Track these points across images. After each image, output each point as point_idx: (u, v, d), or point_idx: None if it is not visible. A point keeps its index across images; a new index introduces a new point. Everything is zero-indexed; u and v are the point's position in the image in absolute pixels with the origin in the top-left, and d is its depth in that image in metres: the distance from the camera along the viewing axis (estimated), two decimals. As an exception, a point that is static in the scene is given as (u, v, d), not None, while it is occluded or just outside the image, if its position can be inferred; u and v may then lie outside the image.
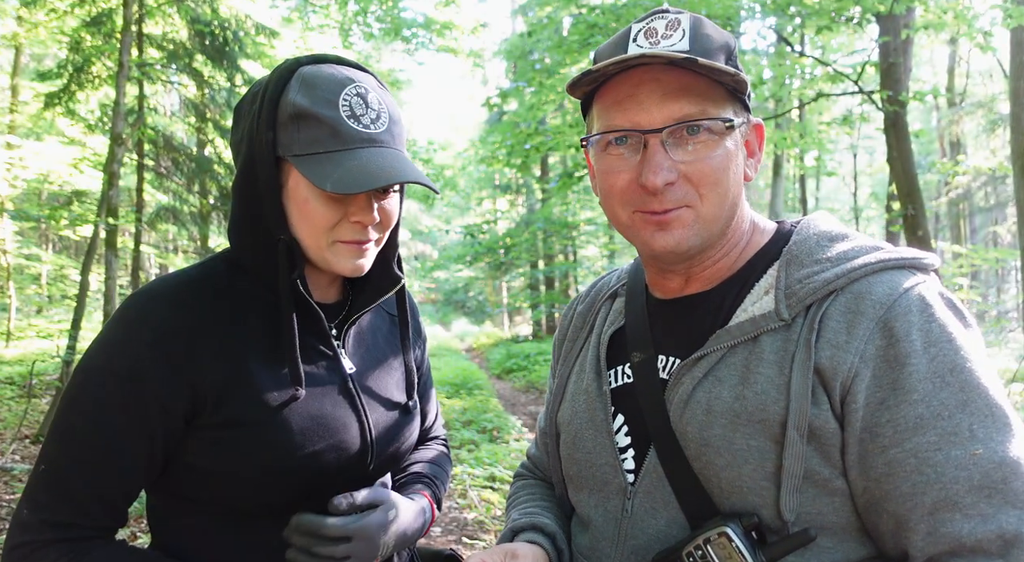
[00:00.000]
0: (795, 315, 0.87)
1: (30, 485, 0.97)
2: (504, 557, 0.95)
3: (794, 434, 0.82)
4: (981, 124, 20.29)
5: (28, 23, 9.07)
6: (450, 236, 23.74)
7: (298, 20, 12.70)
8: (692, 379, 0.90)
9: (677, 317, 0.98)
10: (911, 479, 0.80)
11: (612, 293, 1.11)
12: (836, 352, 0.83)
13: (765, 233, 0.98)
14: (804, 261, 0.90)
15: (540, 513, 1.09)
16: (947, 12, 7.57)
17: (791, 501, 0.83)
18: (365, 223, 1.01)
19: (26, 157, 7.52)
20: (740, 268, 0.96)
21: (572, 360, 1.11)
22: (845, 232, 0.94)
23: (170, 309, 0.99)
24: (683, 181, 0.88)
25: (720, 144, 0.89)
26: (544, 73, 9.48)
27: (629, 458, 0.96)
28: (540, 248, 20.28)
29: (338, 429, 1.05)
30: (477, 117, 30.73)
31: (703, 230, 0.90)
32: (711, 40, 0.90)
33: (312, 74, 0.99)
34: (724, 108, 0.89)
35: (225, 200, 8.38)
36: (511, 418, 8.45)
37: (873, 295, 0.85)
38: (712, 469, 0.87)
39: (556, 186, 13.85)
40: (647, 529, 0.92)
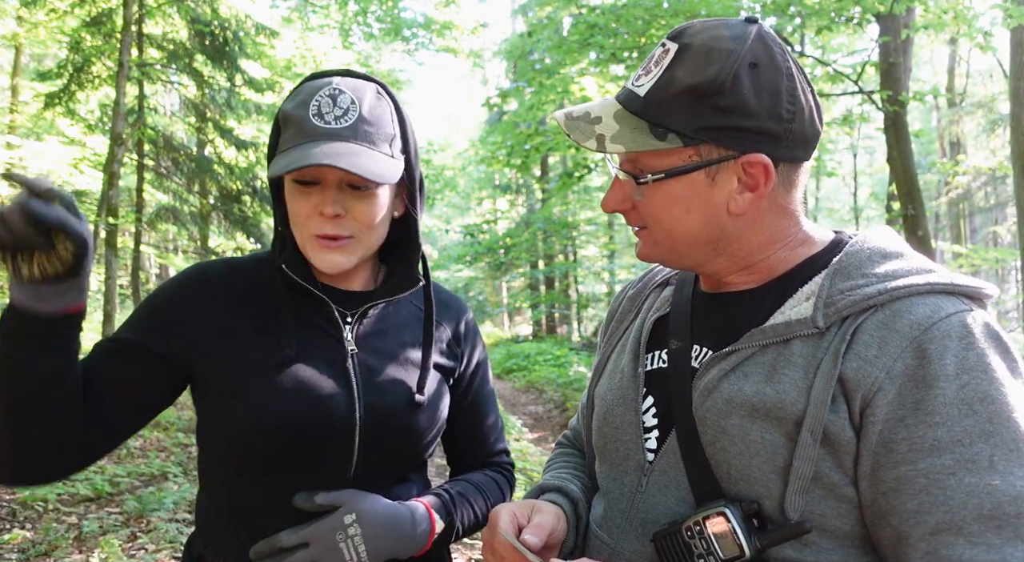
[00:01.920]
0: (830, 324, 0.88)
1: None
2: (530, 511, 1.02)
3: (807, 436, 0.84)
4: (981, 124, 20.30)
5: (28, 23, 9.07)
6: (450, 236, 23.77)
7: (298, 20, 12.70)
8: (720, 371, 0.93)
9: (717, 311, 1.01)
10: (918, 498, 0.80)
11: (663, 282, 1.15)
12: (863, 365, 0.83)
13: (817, 243, 0.99)
14: (851, 273, 0.91)
15: (570, 479, 1.15)
16: (947, 12, 7.57)
17: (797, 501, 0.85)
18: (326, 214, 1.07)
19: (26, 157, 7.51)
20: (787, 271, 0.97)
21: (616, 340, 1.16)
22: (901, 250, 0.93)
23: (199, 272, 1.18)
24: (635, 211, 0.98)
25: (660, 189, 0.94)
26: (544, 73, 9.48)
27: (652, 438, 1.01)
28: (540, 248, 20.30)
29: (323, 397, 1.10)
30: (477, 117, 30.73)
31: (662, 251, 0.99)
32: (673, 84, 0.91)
33: (305, 83, 1.12)
34: (663, 157, 0.92)
35: (225, 200, 8.38)
36: (511, 418, 8.46)
37: (912, 315, 0.84)
38: (724, 456, 0.90)
39: (556, 186, 13.86)
40: (657, 505, 0.97)
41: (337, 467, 1.11)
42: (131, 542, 4.04)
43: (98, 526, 4.21)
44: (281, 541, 1.04)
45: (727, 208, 0.92)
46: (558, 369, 12.53)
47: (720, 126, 0.88)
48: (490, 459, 1.35)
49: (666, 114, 0.89)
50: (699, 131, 0.88)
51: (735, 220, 0.93)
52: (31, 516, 4.49)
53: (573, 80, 9.37)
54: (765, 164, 0.89)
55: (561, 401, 10.22)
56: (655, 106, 0.90)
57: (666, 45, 0.93)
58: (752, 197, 0.92)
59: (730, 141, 0.89)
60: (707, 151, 0.90)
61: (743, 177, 0.91)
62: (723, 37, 0.89)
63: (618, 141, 0.92)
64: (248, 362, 1.09)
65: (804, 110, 0.91)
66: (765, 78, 0.88)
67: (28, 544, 3.97)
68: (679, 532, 0.89)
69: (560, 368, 12.61)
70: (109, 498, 4.90)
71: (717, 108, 0.88)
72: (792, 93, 0.89)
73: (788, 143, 0.90)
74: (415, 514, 1.13)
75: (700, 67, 0.89)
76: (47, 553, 3.87)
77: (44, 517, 4.47)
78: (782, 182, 0.93)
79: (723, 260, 0.97)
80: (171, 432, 7.22)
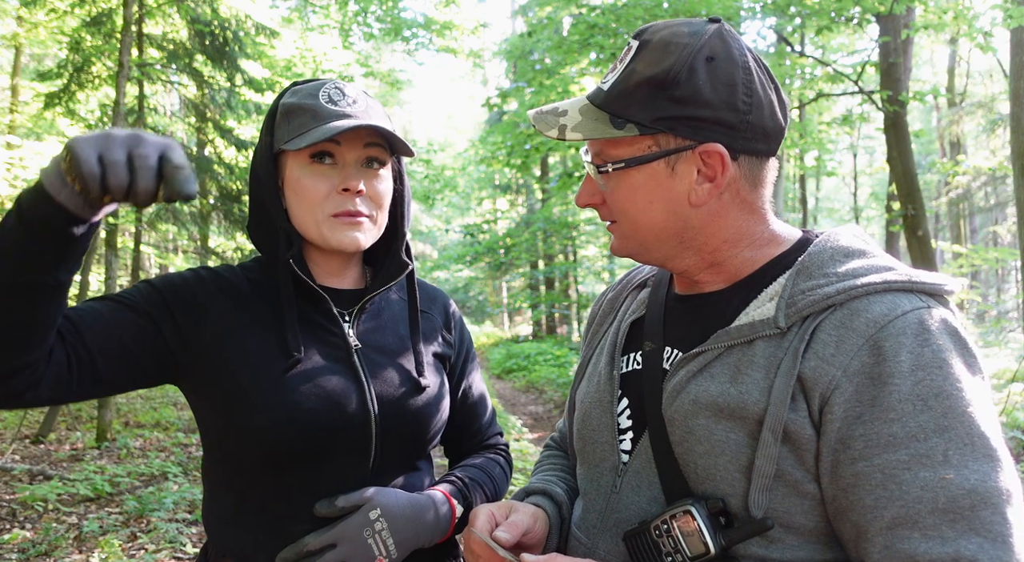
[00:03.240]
0: (792, 324, 0.90)
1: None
2: (508, 510, 1.05)
3: (768, 435, 0.85)
4: (981, 124, 20.29)
5: (28, 23, 9.06)
6: (450, 236, 23.76)
7: (298, 20, 12.70)
8: (688, 372, 0.95)
9: (688, 313, 1.04)
10: (875, 493, 0.81)
11: (641, 283, 1.18)
12: (820, 364, 0.85)
13: (784, 242, 1.00)
14: (813, 273, 0.92)
15: (555, 482, 1.18)
16: (947, 12, 7.57)
17: (760, 499, 0.86)
18: (351, 189, 1.11)
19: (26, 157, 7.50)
20: (753, 272, 0.99)
21: (596, 343, 1.18)
22: (864, 249, 0.95)
23: (192, 275, 1.16)
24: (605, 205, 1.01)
25: (624, 179, 0.96)
26: (544, 73, 9.48)
27: (627, 439, 1.03)
28: (540, 248, 20.28)
29: (336, 394, 1.11)
30: (477, 117, 30.73)
31: (632, 245, 1.01)
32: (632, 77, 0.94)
33: (300, 84, 1.19)
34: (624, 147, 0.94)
35: (225, 200, 8.38)
36: (511, 418, 8.46)
37: (869, 313, 0.86)
38: (691, 456, 0.92)
39: (556, 186, 13.85)
40: (630, 505, 0.99)
41: (357, 459, 1.13)
42: (131, 542, 4.05)
43: (98, 526, 4.21)
44: (308, 545, 1.05)
45: (688, 199, 0.94)
46: (558, 369, 12.53)
47: (676, 116, 0.90)
48: (487, 441, 1.40)
49: (625, 105, 0.92)
50: (656, 121, 0.91)
51: (697, 211, 0.95)
52: (31, 516, 4.49)
53: (573, 80, 9.37)
54: (721, 154, 0.91)
55: (561, 401, 10.22)
56: (616, 98, 0.94)
57: (630, 43, 0.96)
58: (711, 187, 0.93)
59: (686, 131, 0.91)
60: (665, 141, 0.93)
61: (702, 168, 0.93)
62: (682, 33, 0.92)
63: (578, 130, 0.95)
64: (259, 363, 1.10)
65: (763, 103, 0.92)
66: (721, 70, 0.90)
67: (28, 544, 3.97)
68: (648, 531, 0.92)
69: (560, 368, 12.61)
70: (109, 498, 4.90)
71: (673, 98, 0.90)
72: (749, 85, 0.91)
73: (746, 134, 0.92)
74: (436, 502, 1.16)
75: (657, 60, 0.92)
76: (47, 553, 3.87)
77: (44, 517, 4.47)
78: (744, 176, 0.95)
79: (690, 255, 0.99)
80: (171, 432, 7.23)
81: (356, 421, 1.12)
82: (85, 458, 5.97)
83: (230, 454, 1.12)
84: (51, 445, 6.47)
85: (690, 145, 0.92)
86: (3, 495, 4.81)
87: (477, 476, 1.28)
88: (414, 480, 1.22)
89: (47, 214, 0.86)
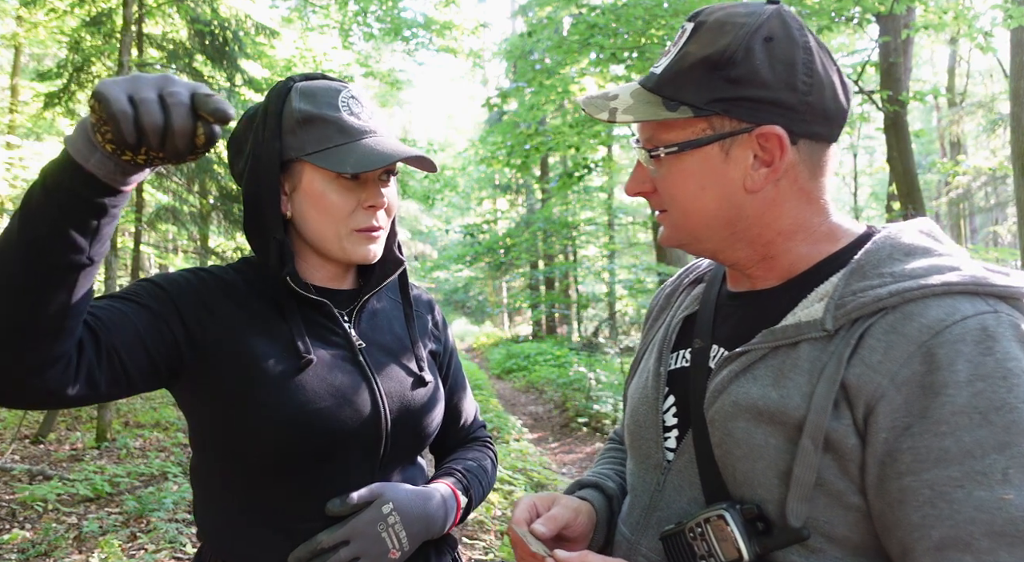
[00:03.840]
0: (839, 327, 0.84)
1: None
2: (551, 503, 1.04)
3: (808, 443, 0.81)
4: (981, 124, 20.29)
5: (28, 23, 9.06)
6: (450, 236, 23.75)
7: (298, 20, 12.69)
8: (730, 373, 0.91)
9: (737, 310, 1.00)
10: (922, 510, 0.76)
11: (697, 278, 1.14)
12: (865, 371, 0.80)
13: (843, 238, 0.94)
14: (867, 273, 0.86)
15: (610, 475, 1.18)
16: (947, 12, 7.57)
17: (798, 508, 0.82)
18: (377, 206, 1.14)
19: (26, 157, 7.50)
20: (808, 269, 0.94)
21: (650, 338, 1.16)
22: (929, 247, 0.88)
23: (192, 276, 1.14)
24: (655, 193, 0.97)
25: (675, 164, 0.92)
26: (544, 73, 9.48)
27: (672, 438, 1.01)
28: (540, 248, 20.28)
29: (348, 392, 1.12)
30: (477, 117, 30.72)
31: (682, 235, 0.97)
32: (687, 58, 0.90)
33: (308, 86, 1.14)
34: (677, 130, 0.91)
35: (225, 200, 8.38)
36: (511, 418, 8.45)
37: (923, 318, 0.79)
38: (730, 459, 0.89)
39: (556, 186, 13.86)
40: (672, 504, 0.97)
41: (367, 456, 1.14)
42: (131, 542, 4.04)
43: (98, 526, 4.21)
44: (321, 542, 1.05)
45: (743, 185, 0.90)
46: (558, 369, 12.53)
47: (732, 97, 0.87)
48: (473, 435, 1.43)
49: (679, 87, 0.89)
50: (710, 102, 0.87)
51: (752, 199, 0.91)
52: (31, 516, 4.49)
53: (573, 80, 9.37)
54: (779, 136, 0.87)
55: (561, 401, 10.21)
56: (669, 81, 0.90)
57: (684, 26, 0.93)
58: (768, 172, 0.89)
59: (743, 113, 0.87)
60: (720, 124, 0.89)
61: (759, 152, 0.88)
62: (738, 13, 0.89)
63: (629, 113, 0.91)
64: (269, 365, 1.09)
65: (824, 84, 0.88)
66: (780, 50, 0.86)
67: (28, 544, 3.97)
68: (683, 533, 0.89)
69: (560, 368, 12.60)
70: (109, 498, 4.90)
71: (728, 79, 0.86)
72: (809, 65, 0.87)
73: (806, 117, 0.87)
74: (443, 495, 1.19)
75: (712, 40, 0.88)
76: (47, 553, 3.87)
77: (44, 517, 4.47)
78: (803, 162, 0.90)
79: (743, 246, 0.94)
80: (171, 432, 7.22)
81: (369, 418, 1.13)
82: (85, 458, 5.97)
83: (234, 456, 1.10)
84: (51, 445, 6.47)
85: (746, 128, 0.88)
86: (3, 495, 4.81)
87: (473, 469, 1.31)
88: (414, 474, 1.24)
89: (77, 186, 0.79)
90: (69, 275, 0.83)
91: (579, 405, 9.16)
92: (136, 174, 0.83)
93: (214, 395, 1.09)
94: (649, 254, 18.21)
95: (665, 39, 8.01)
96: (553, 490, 5.35)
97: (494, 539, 4.21)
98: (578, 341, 17.46)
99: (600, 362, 12.41)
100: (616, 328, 17.64)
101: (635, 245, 21.28)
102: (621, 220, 20.12)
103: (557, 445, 7.79)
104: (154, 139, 0.77)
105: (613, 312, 18.65)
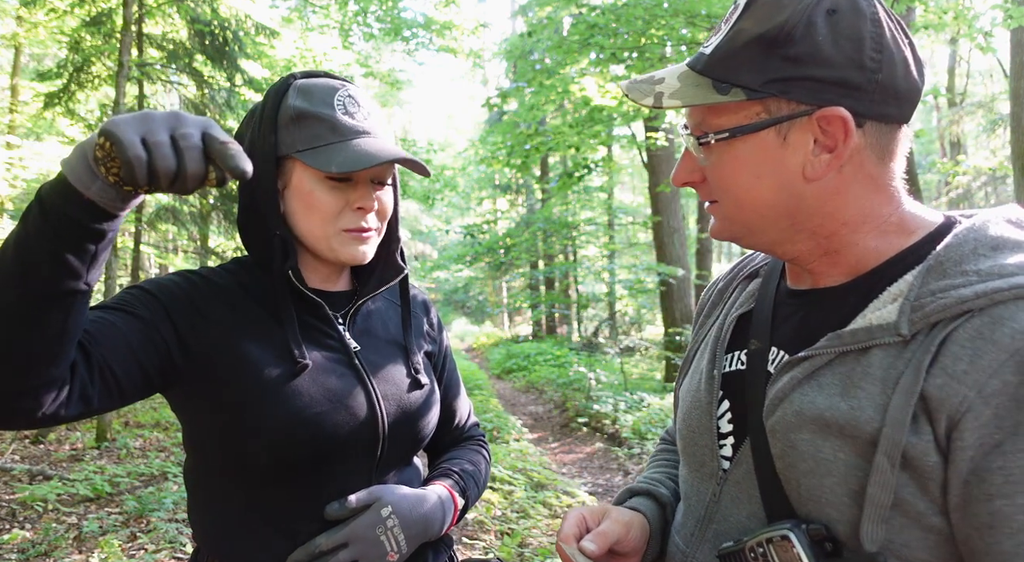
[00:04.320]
0: (916, 332, 0.76)
1: None
2: (601, 516, 0.99)
3: (883, 460, 0.74)
4: (981, 124, 20.28)
5: (28, 23, 9.06)
6: (450, 236, 23.75)
7: (298, 20, 12.68)
8: (792, 379, 0.84)
9: (798, 310, 0.92)
10: (1016, 538, 0.69)
11: (752, 273, 1.06)
12: (949, 381, 0.72)
13: (919, 230, 0.86)
14: (948, 270, 0.77)
15: (662, 481, 1.13)
16: (947, 12, 7.56)
17: (874, 530, 0.75)
18: (366, 209, 1.12)
19: (26, 157, 7.51)
20: (878, 265, 0.85)
21: (702, 336, 1.08)
22: (1019, 239, 0.78)
23: (183, 280, 1.12)
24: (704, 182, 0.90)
25: (727, 151, 0.85)
26: (544, 73, 9.47)
27: (728, 445, 0.94)
28: (540, 248, 20.28)
29: (344, 396, 1.12)
30: (477, 117, 30.72)
31: (735, 227, 0.90)
32: (739, 36, 0.82)
33: (307, 83, 1.14)
34: (728, 115, 0.83)
35: (225, 200, 8.38)
36: (511, 418, 8.46)
37: (1015, 322, 0.70)
38: (793, 473, 0.82)
39: (556, 186, 13.85)
40: (729, 517, 0.90)
41: (364, 459, 1.14)
42: (131, 542, 4.04)
43: (98, 526, 4.21)
44: (320, 546, 1.05)
45: (803, 173, 0.82)
46: (558, 369, 12.53)
47: (790, 77, 0.79)
48: (467, 434, 1.43)
49: (731, 68, 0.81)
50: (766, 84, 0.79)
51: (813, 187, 0.83)
52: (31, 516, 4.49)
53: (573, 80, 9.37)
54: (844, 118, 0.79)
55: (561, 401, 10.21)
56: (720, 62, 0.82)
57: (737, 2, 0.85)
58: (831, 158, 0.81)
59: (803, 94, 0.79)
60: (776, 106, 0.81)
61: (819, 136, 0.81)
62: None
63: (676, 97, 0.83)
64: (264, 370, 1.08)
65: (895, 60, 0.79)
66: (845, 23, 0.78)
67: (28, 544, 3.97)
68: (743, 551, 0.83)
69: (560, 368, 12.61)
70: (109, 498, 4.90)
71: (787, 58, 0.79)
72: (878, 39, 0.78)
73: (874, 96, 0.79)
74: (440, 496, 1.19)
75: (768, 15, 0.80)
76: (47, 553, 3.87)
77: (44, 517, 4.47)
78: (870, 146, 0.82)
79: (804, 239, 0.87)
80: (171, 432, 7.22)
81: (365, 422, 1.13)
82: (85, 458, 5.97)
83: (229, 460, 1.09)
84: (51, 445, 6.47)
85: (806, 110, 0.80)
86: (3, 495, 4.81)
87: (469, 470, 1.31)
88: (411, 476, 1.24)
89: (76, 212, 0.78)
90: (65, 300, 0.82)
91: (579, 405, 9.16)
92: (135, 199, 0.83)
93: (208, 400, 1.08)
94: (649, 254, 18.19)
95: (665, 39, 8.01)
96: (553, 490, 5.35)
97: (494, 539, 4.21)
98: (578, 341, 17.47)
99: (600, 362, 12.41)
100: (616, 328, 17.65)
101: (635, 245, 21.27)
102: (621, 220, 20.12)
103: (557, 445, 7.79)
104: (165, 183, 0.76)
105: (613, 312, 18.66)
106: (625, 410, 8.42)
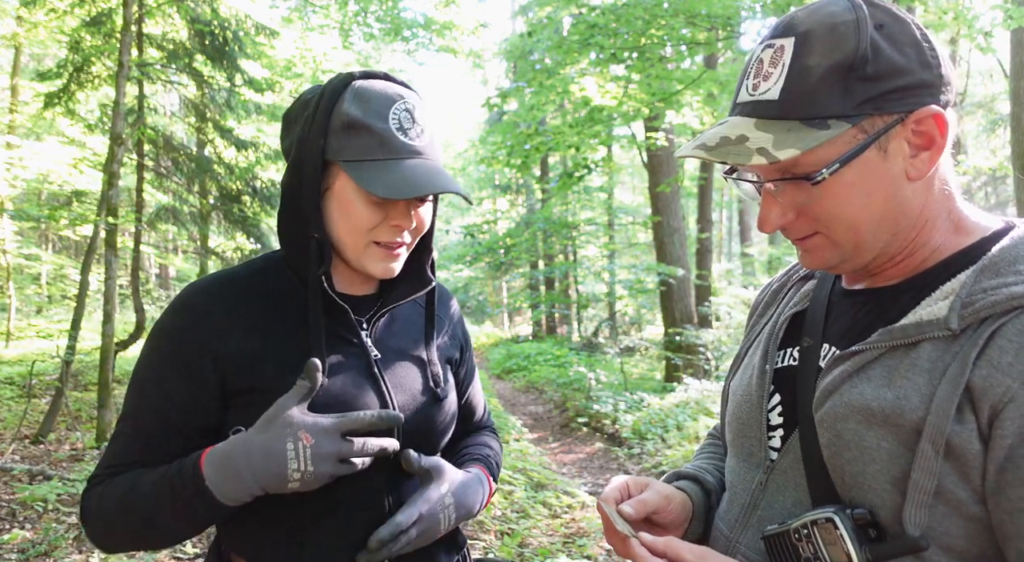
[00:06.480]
0: (966, 327, 0.79)
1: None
2: (644, 487, 1.04)
3: (928, 447, 0.77)
4: (981, 124, 20.28)
5: (28, 23, 9.06)
6: (450, 236, 23.77)
7: (298, 20, 12.69)
8: (843, 373, 0.87)
9: (851, 308, 0.96)
10: None
11: (808, 274, 1.11)
12: (993, 372, 0.75)
13: (975, 233, 0.90)
14: (1001, 269, 0.81)
15: (709, 470, 1.17)
16: (947, 12, 7.56)
17: (917, 515, 0.78)
18: (403, 227, 1.12)
19: (26, 157, 7.53)
20: (930, 267, 0.90)
21: (755, 334, 1.13)
22: None
23: (208, 299, 1.12)
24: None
25: (835, 182, 0.86)
26: (544, 73, 9.47)
27: (777, 437, 0.98)
28: (540, 248, 20.28)
29: (361, 406, 1.12)
30: (477, 117, 30.73)
31: (842, 251, 0.91)
32: (810, 72, 0.84)
33: (365, 88, 1.09)
34: (827, 148, 0.85)
35: (225, 200, 8.38)
36: (511, 418, 8.46)
37: None
38: (839, 461, 0.86)
39: (556, 186, 13.85)
40: (774, 504, 0.95)
41: (379, 467, 1.13)
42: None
43: (98, 526, 4.20)
44: (400, 524, 1.08)
45: (907, 176, 0.86)
46: (558, 369, 12.54)
47: (877, 94, 0.83)
48: (481, 424, 1.46)
49: (817, 104, 0.84)
50: (859, 106, 0.83)
51: (915, 188, 0.87)
52: (31, 516, 4.49)
53: (573, 80, 9.37)
54: (935, 114, 0.84)
55: (561, 401, 10.22)
56: (799, 101, 0.85)
57: (775, 44, 0.87)
58: (930, 154, 0.85)
59: (894, 105, 0.83)
60: (871, 124, 0.84)
61: (912, 139, 0.85)
62: (837, 12, 0.85)
63: (782, 146, 0.83)
64: (285, 382, 1.06)
65: (940, 52, 0.86)
66: (897, 33, 0.84)
67: (28, 544, 3.97)
68: (788, 533, 0.87)
69: (560, 368, 12.62)
70: (109, 498, 4.89)
71: (867, 78, 0.82)
72: (926, 37, 0.85)
73: (944, 88, 0.85)
74: (481, 480, 1.24)
75: (834, 46, 0.83)
76: (47, 553, 3.87)
77: (44, 517, 4.47)
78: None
79: (896, 244, 0.90)
80: (171, 432, 7.21)
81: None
82: (85, 458, 5.97)
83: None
84: (51, 445, 6.47)
85: (898, 118, 0.84)
86: (3, 495, 4.81)
87: (490, 454, 1.36)
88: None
89: (217, 512, 1.02)
90: (188, 536, 1.06)
91: (579, 405, 9.16)
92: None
93: (234, 413, 1.10)
94: (649, 254, 18.20)
95: (665, 39, 8.01)
96: (553, 490, 5.35)
97: (494, 539, 4.21)
98: (578, 341, 17.48)
99: (600, 362, 12.42)
100: (616, 328, 17.65)
101: (635, 245, 21.28)
102: (621, 220, 20.13)
103: (557, 445, 7.80)
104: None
105: (613, 312, 18.67)
106: (625, 410, 8.42)
